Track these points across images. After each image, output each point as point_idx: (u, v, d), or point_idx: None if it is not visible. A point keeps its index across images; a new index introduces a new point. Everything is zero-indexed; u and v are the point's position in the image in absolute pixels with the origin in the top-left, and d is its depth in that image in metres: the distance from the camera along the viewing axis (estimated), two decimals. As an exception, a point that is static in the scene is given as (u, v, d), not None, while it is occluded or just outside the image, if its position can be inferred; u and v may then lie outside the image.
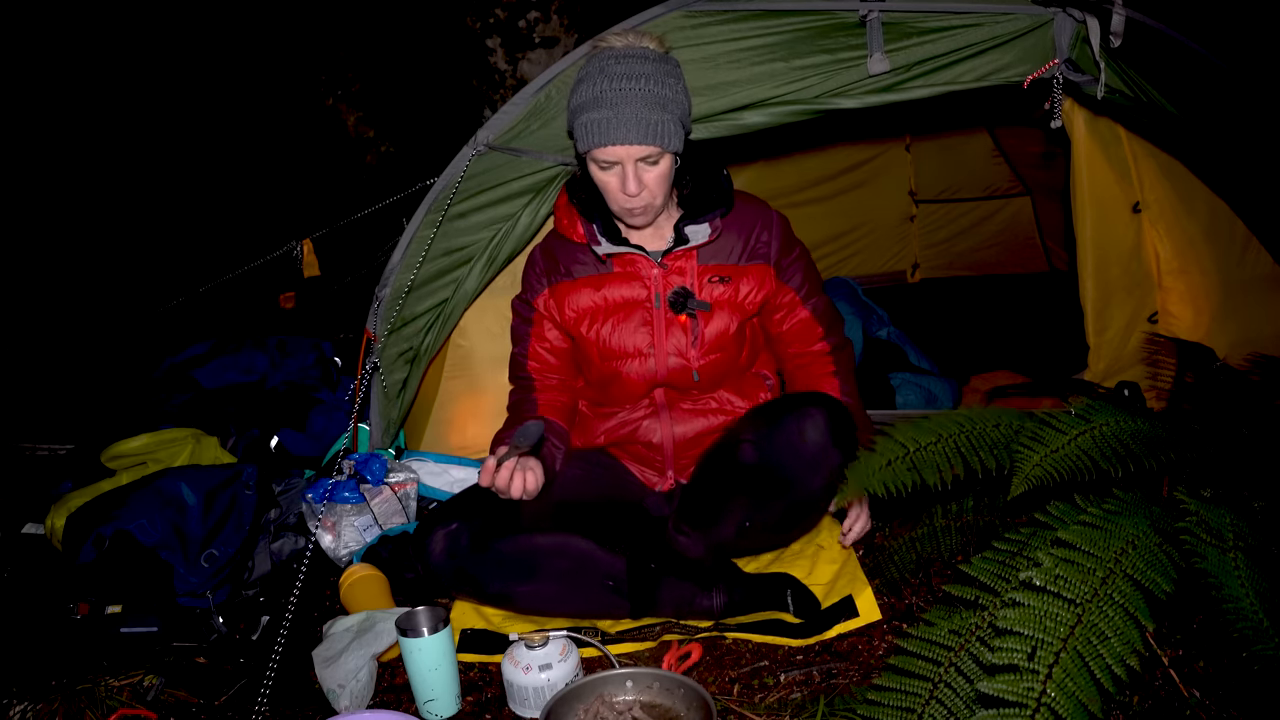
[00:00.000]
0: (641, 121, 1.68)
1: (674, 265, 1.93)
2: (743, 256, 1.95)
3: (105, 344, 4.01)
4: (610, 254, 1.91)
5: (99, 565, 2.00)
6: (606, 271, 1.96)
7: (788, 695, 1.60)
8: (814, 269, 2.05)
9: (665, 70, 1.75)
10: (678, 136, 1.74)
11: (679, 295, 1.90)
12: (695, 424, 1.98)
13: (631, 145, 1.70)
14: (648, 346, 1.93)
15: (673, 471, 2.02)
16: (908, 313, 3.66)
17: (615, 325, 1.93)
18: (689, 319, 1.92)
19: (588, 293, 1.95)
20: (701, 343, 1.92)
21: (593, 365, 1.98)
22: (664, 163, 1.76)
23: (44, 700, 1.76)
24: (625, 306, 1.94)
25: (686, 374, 1.93)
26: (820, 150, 4.16)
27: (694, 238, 1.88)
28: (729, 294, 1.93)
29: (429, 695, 1.62)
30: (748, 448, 1.75)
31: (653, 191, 1.78)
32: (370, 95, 8.60)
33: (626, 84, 1.69)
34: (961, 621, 1.26)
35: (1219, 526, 1.27)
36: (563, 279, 1.98)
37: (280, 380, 2.97)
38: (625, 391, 1.98)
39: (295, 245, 2.79)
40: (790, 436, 1.72)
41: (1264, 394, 1.89)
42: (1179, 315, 2.45)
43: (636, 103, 1.68)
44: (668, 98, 1.72)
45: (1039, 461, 1.46)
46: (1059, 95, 2.05)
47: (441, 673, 1.63)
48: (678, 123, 1.74)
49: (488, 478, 1.74)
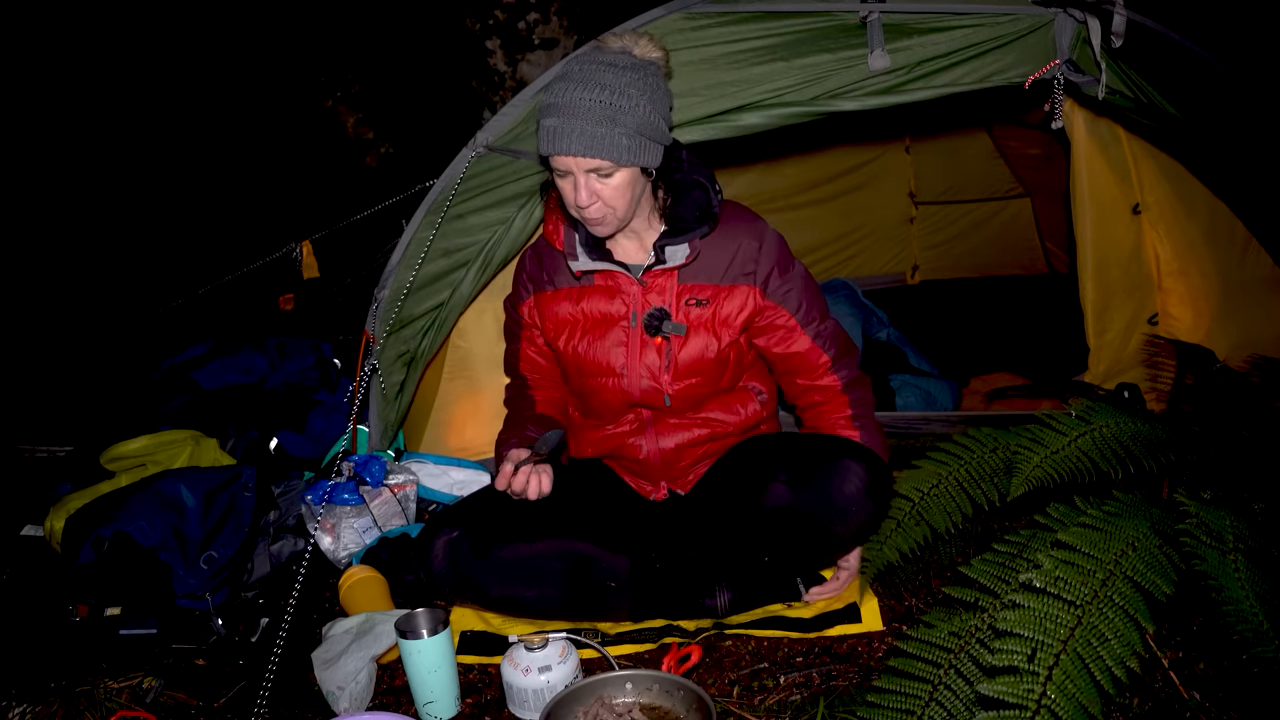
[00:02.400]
0: (587, 134, 1.61)
1: (654, 283, 1.85)
2: (725, 276, 1.84)
3: (105, 345, 4.01)
4: (586, 271, 1.84)
5: (98, 567, 2.00)
6: (588, 284, 1.89)
7: (787, 697, 1.60)
8: (816, 291, 1.92)
9: (631, 80, 1.64)
10: (634, 152, 1.64)
11: (654, 317, 1.83)
12: (679, 437, 1.93)
13: (579, 157, 1.63)
14: (621, 366, 1.86)
15: (665, 482, 2.01)
16: (907, 314, 3.66)
17: (591, 341, 1.88)
18: (664, 341, 1.85)
19: (567, 305, 1.90)
20: (675, 367, 1.85)
21: (570, 379, 1.96)
22: (620, 176, 1.67)
23: (43, 702, 1.76)
24: (603, 323, 1.88)
25: (658, 397, 1.87)
26: (820, 152, 4.16)
27: (671, 259, 1.80)
28: (707, 316, 1.85)
29: (428, 697, 1.62)
30: (781, 489, 1.70)
31: (608, 204, 1.69)
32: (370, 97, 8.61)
33: (581, 92, 1.61)
34: (961, 623, 1.26)
35: (1219, 528, 1.27)
36: (546, 288, 1.94)
37: (279, 382, 2.97)
38: (605, 407, 1.93)
39: (295, 247, 2.79)
40: (826, 487, 1.66)
41: (1264, 396, 1.89)
42: (1179, 317, 2.45)
43: (585, 114, 1.61)
44: (623, 109, 1.61)
45: (1039, 463, 1.46)
46: (1060, 96, 2.05)
47: (441, 675, 1.62)
48: (635, 137, 1.63)
49: (504, 482, 1.71)
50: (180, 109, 7.11)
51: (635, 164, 1.66)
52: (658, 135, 1.69)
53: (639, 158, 1.66)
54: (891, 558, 1.70)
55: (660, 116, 1.69)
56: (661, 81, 1.72)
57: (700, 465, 1.97)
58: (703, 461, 1.97)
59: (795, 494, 1.69)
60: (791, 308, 1.87)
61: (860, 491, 1.65)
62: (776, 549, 1.78)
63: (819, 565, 1.92)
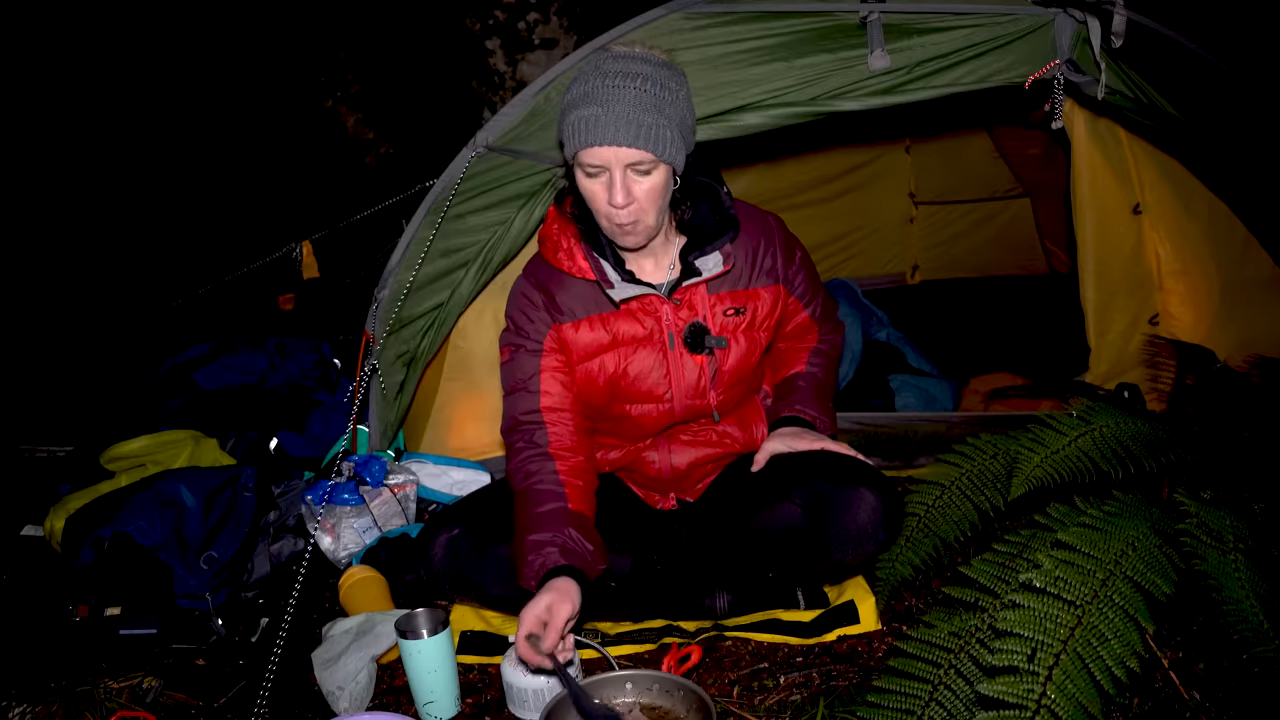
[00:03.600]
0: (634, 122, 1.50)
1: (684, 299, 1.76)
2: (752, 278, 1.81)
3: (105, 345, 4.01)
4: (626, 298, 1.71)
5: (98, 567, 2.00)
6: (612, 309, 1.77)
7: (787, 697, 1.60)
8: (812, 267, 1.95)
9: (668, 75, 1.56)
10: (675, 147, 1.55)
11: (695, 333, 1.75)
12: (692, 454, 1.91)
13: (621, 147, 1.51)
14: (665, 393, 1.79)
15: (674, 493, 2.00)
16: (907, 314, 3.65)
17: (629, 369, 1.77)
18: (705, 357, 1.79)
19: (593, 334, 1.77)
20: (720, 380, 1.80)
21: (598, 407, 1.83)
22: (658, 175, 1.57)
23: (43, 702, 1.76)
24: (637, 346, 1.77)
25: (706, 412, 1.83)
26: (820, 152, 4.16)
27: (705, 270, 1.70)
28: (745, 323, 1.80)
29: (428, 697, 1.62)
30: (794, 512, 1.69)
31: (642, 206, 1.58)
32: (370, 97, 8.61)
33: (622, 81, 1.51)
34: (961, 623, 1.26)
35: (1219, 528, 1.27)
36: (563, 319, 1.78)
37: (279, 382, 2.97)
38: (640, 431, 1.86)
39: (295, 247, 2.79)
40: (840, 516, 1.64)
41: (1264, 396, 1.89)
42: (1180, 317, 2.45)
43: (630, 102, 1.50)
44: (666, 100, 1.53)
45: (1039, 463, 1.46)
46: (1060, 96, 2.05)
47: (441, 675, 1.62)
48: (677, 132, 1.54)
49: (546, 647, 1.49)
50: (180, 109, 7.11)
51: (674, 162, 1.57)
52: (690, 137, 1.62)
53: (678, 155, 1.57)
54: (905, 573, 1.70)
55: (692, 119, 1.63)
56: (687, 86, 1.64)
57: (710, 476, 1.97)
58: (712, 473, 1.97)
59: (807, 519, 1.68)
60: (799, 293, 1.90)
61: (874, 522, 1.64)
62: (782, 567, 1.78)
63: (823, 583, 1.92)
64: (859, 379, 3.05)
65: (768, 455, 1.80)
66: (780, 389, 1.96)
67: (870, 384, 3.00)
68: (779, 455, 1.79)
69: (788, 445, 1.78)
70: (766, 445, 1.82)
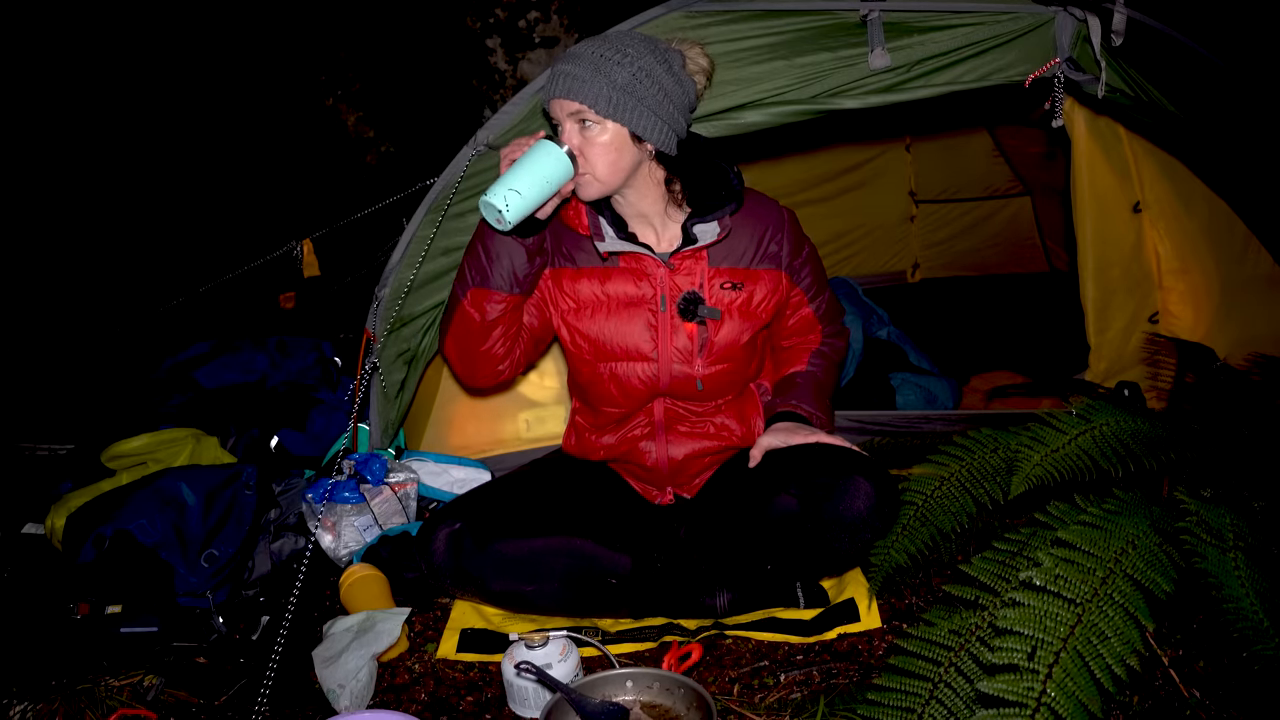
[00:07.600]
0: (570, 77, 1.64)
1: (682, 266, 1.83)
2: (755, 259, 1.85)
3: (105, 344, 4.01)
4: (613, 252, 1.81)
5: (99, 565, 2.00)
6: (612, 266, 1.85)
7: (788, 695, 1.60)
8: (820, 265, 1.98)
9: (633, 42, 1.67)
10: (618, 105, 1.63)
11: (689, 300, 1.81)
12: (689, 446, 1.92)
13: (565, 100, 1.65)
14: (651, 350, 1.83)
15: (671, 488, 2.01)
16: (908, 313, 3.66)
17: (617, 324, 1.84)
18: (698, 326, 1.84)
19: (589, 285, 1.86)
20: (709, 351, 1.83)
21: (585, 364, 1.88)
22: (608, 134, 1.66)
23: (44, 700, 1.76)
24: (629, 305, 1.84)
25: (690, 383, 1.85)
26: (821, 150, 4.15)
27: (703, 237, 1.78)
28: (741, 300, 1.85)
29: (511, 186, 1.60)
30: (789, 502, 1.70)
31: (588, 159, 1.67)
32: (370, 95, 8.59)
33: (582, 47, 1.67)
34: (961, 621, 1.27)
35: (1219, 526, 1.27)
36: (565, 264, 1.88)
37: (280, 380, 2.97)
38: (626, 396, 1.87)
39: (295, 245, 2.78)
40: (835, 503, 1.65)
41: (1264, 394, 1.89)
42: (1179, 315, 2.45)
43: (577, 61, 1.64)
44: (613, 60, 1.63)
45: (1039, 461, 1.46)
46: (1060, 94, 2.05)
47: (536, 189, 1.62)
48: (621, 91, 1.63)
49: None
50: (181, 108, 7.11)
51: (616, 120, 1.65)
52: (657, 108, 1.67)
53: (621, 115, 1.64)
54: (900, 560, 1.69)
55: (664, 93, 1.68)
56: (676, 65, 1.72)
57: (707, 471, 1.98)
58: (710, 467, 1.97)
59: (803, 508, 1.69)
60: (805, 286, 1.93)
61: (868, 510, 1.64)
62: (780, 558, 1.78)
63: (821, 576, 1.92)
64: (859, 377, 3.05)
65: (763, 450, 1.81)
66: (779, 386, 1.98)
67: (871, 382, 3.00)
68: (774, 450, 1.80)
69: (783, 440, 1.79)
70: (762, 440, 1.83)
